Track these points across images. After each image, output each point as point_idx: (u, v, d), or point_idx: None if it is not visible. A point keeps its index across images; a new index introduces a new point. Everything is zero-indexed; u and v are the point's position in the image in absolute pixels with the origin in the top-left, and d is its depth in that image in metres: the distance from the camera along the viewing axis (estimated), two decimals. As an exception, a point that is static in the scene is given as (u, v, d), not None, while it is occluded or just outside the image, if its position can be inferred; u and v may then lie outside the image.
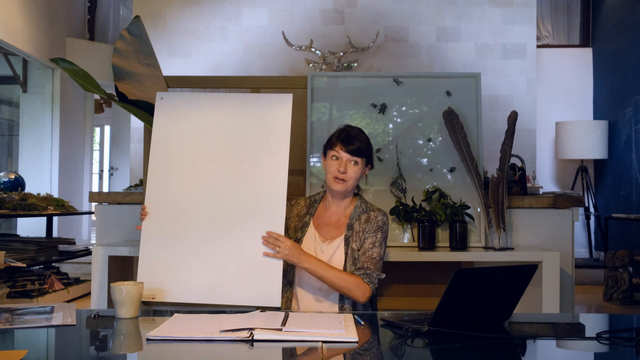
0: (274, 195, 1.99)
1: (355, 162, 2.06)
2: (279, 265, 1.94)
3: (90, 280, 3.90)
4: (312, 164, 3.20)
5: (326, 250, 2.07)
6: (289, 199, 2.04)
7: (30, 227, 6.29)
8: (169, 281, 1.94)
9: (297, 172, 3.23)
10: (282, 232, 1.96)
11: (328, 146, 2.12)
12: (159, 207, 2.02)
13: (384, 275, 2.03)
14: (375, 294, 2.12)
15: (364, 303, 2.01)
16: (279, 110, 2.08)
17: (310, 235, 2.11)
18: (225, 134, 2.08)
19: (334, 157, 2.08)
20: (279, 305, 1.92)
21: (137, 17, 2.68)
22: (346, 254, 2.04)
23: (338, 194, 2.11)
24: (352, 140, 2.07)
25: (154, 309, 2.12)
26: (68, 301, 4.68)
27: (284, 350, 1.46)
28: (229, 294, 1.92)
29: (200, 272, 1.95)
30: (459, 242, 3.05)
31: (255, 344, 1.45)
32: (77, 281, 5.33)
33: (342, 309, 2.02)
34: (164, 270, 1.95)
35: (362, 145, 2.07)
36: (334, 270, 1.98)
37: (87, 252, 5.45)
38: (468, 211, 3.13)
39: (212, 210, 2.00)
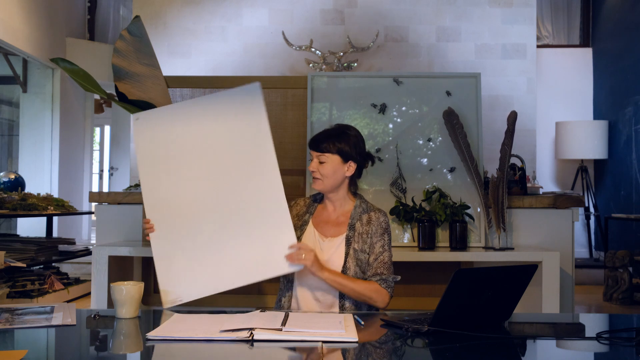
0: (271, 186, 2.02)
1: (323, 160, 2.06)
2: (285, 236, 1.97)
3: (90, 280, 3.90)
4: (312, 164, 3.20)
5: (326, 248, 2.07)
6: (288, 200, 2.04)
7: (30, 227, 6.29)
8: (190, 281, 2.00)
9: (297, 172, 3.23)
10: (289, 222, 1.98)
11: None
12: (162, 216, 2.05)
13: (399, 277, 2.07)
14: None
15: (384, 308, 2.03)
16: (249, 103, 2.10)
17: (310, 233, 2.11)
18: (207, 141, 2.10)
19: (310, 159, 2.13)
20: (288, 271, 1.96)
21: (137, 17, 2.68)
22: (346, 254, 2.04)
23: (326, 193, 2.13)
24: (317, 138, 2.09)
25: (153, 309, 2.13)
26: (68, 301, 4.68)
27: (284, 350, 1.46)
28: (246, 275, 1.97)
29: (217, 264, 1.99)
30: (459, 242, 3.05)
31: (255, 344, 1.45)
32: (77, 281, 5.33)
33: (342, 309, 2.02)
34: (183, 273, 2.00)
35: (329, 142, 2.06)
36: (352, 279, 2.01)
37: (87, 252, 5.44)
38: (468, 211, 3.13)
39: (216, 209, 2.03)
